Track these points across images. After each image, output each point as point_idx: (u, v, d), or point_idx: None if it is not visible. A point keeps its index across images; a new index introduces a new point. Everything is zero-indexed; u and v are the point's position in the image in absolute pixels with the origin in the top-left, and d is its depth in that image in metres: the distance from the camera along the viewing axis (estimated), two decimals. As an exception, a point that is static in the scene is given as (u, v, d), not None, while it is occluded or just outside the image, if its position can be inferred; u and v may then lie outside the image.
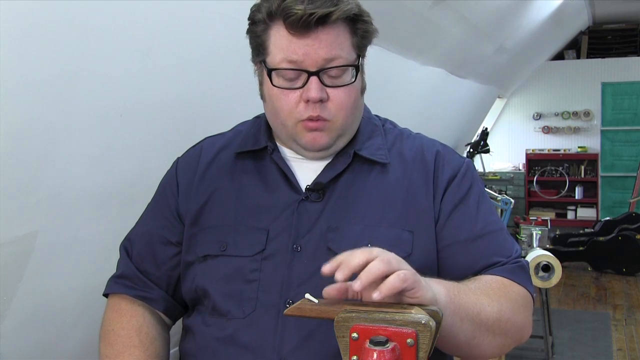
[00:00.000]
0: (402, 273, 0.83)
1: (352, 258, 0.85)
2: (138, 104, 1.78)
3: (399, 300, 0.85)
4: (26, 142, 1.49)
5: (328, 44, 1.02)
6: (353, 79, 1.07)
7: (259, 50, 1.08)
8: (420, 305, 0.83)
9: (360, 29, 1.07)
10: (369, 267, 0.83)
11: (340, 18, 1.02)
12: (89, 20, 1.46)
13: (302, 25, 1.00)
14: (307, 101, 1.04)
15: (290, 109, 1.06)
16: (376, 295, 0.81)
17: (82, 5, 1.42)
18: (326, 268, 0.86)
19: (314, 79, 1.03)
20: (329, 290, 0.88)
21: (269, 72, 1.06)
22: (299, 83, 1.05)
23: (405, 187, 1.12)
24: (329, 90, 1.05)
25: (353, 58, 1.07)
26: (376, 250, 0.86)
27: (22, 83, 1.39)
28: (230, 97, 2.15)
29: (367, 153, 1.13)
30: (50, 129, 1.53)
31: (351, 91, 1.08)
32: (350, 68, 1.06)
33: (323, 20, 1.01)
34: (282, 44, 1.03)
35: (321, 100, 1.05)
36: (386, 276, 0.83)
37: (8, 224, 1.55)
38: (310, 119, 1.06)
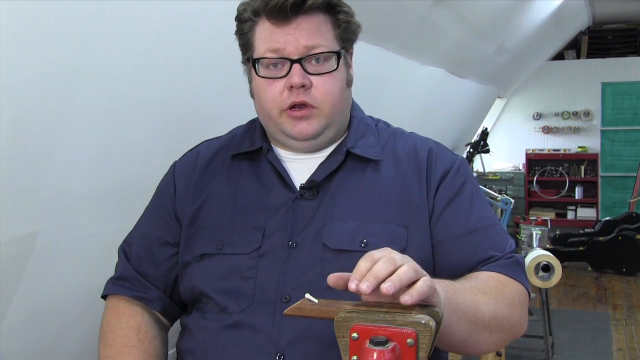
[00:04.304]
0: (428, 279, 0.83)
1: (378, 269, 0.82)
2: (138, 104, 1.78)
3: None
4: (26, 141, 1.49)
5: (308, 32, 1.06)
6: (335, 67, 1.09)
7: (246, 48, 1.12)
8: (420, 305, 0.83)
9: (341, 20, 1.10)
10: (400, 272, 0.81)
11: (318, 4, 1.06)
12: (89, 20, 1.46)
13: (279, 12, 1.05)
14: (291, 88, 1.07)
15: (274, 98, 1.09)
16: (407, 299, 0.80)
17: (82, 4, 1.42)
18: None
19: (296, 65, 1.07)
20: (333, 277, 0.86)
21: (254, 62, 1.09)
22: (283, 72, 1.08)
23: (399, 183, 1.13)
24: (312, 77, 1.08)
25: (336, 49, 1.10)
26: (397, 256, 0.84)
27: (21, 82, 1.39)
28: (229, 97, 2.14)
29: (360, 151, 1.15)
30: (50, 129, 1.53)
31: (335, 79, 1.10)
32: (333, 57, 1.09)
33: (300, 7, 1.05)
34: (265, 36, 1.08)
35: (304, 86, 1.07)
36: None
37: (8, 224, 1.55)
38: (294, 107, 1.08)
